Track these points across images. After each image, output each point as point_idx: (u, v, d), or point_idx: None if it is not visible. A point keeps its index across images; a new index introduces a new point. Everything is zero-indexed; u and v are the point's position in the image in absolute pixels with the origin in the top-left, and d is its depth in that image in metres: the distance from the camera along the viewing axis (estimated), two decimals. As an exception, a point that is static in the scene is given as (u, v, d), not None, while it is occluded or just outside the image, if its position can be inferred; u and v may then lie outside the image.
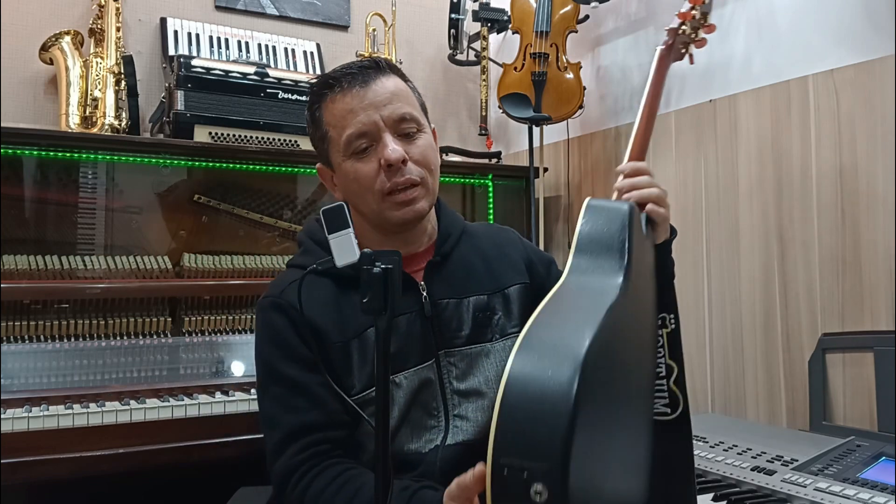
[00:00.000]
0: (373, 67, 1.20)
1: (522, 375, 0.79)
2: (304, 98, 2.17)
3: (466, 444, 1.17)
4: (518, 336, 1.22)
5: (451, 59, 2.71)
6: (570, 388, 0.75)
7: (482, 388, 1.20)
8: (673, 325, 1.14)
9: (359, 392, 1.15)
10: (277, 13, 2.60)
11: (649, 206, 1.13)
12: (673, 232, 1.19)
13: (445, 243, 1.25)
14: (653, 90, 1.25)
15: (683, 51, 1.32)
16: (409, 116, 1.18)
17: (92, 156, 1.91)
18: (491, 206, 2.44)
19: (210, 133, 2.06)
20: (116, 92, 2.17)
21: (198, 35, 2.37)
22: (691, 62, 1.35)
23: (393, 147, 1.14)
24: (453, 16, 2.64)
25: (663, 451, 1.08)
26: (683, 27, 1.29)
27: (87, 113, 2.14)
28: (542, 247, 2.35)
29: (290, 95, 2.15)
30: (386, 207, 1.17)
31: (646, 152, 1.21)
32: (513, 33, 2.53)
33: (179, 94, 2.05)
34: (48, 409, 1.52)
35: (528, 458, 0.74)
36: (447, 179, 2.44)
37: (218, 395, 1.69)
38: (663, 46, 1.31)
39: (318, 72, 2.47)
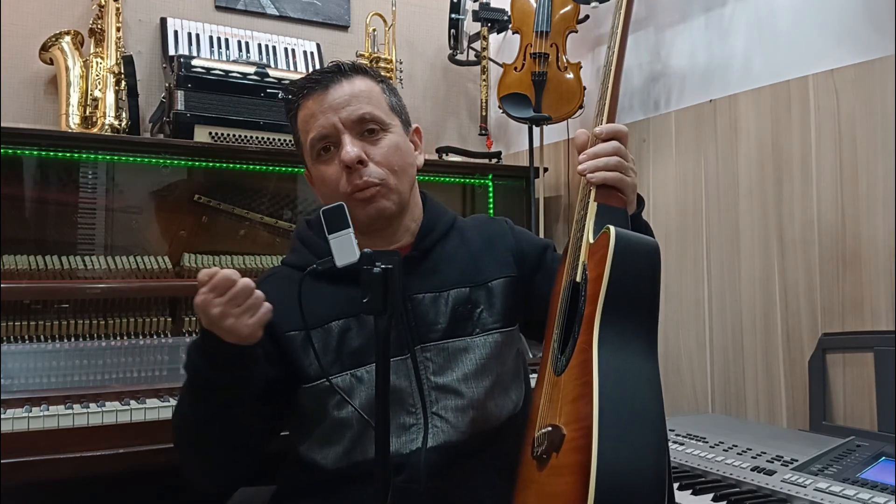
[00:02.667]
0: (334, 71, 1.23)
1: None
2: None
3: (450, 448, 1.16)
4: (500, 331, 1.23)
5: (451, 59, 2.71)
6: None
7: (460, 386, 1.19)
8: None
9: (314, 380, 1.17)
10: (277, 13, 2.60)
11: (622, 180, 1.08)
12: (641, 202, 1.16)
13: (426, 239, 1.25)
14: (622, 38, 1.18)
15: None
16: (368, 117, 1.19)
17: (92, 156, 1.91)
18: (491, 206, 2.44)
19: (210, 133, 2.06)
20: (116, 92, 2.17)
21: (198, 35, 2.37)
22: None
23: (348, 148, 1.17)
24: (453, 16, 2.63)
25: None
26: None
27: (87, 113, 2.14)
28: (542, 247, 2.34)
29: (289, 96, 2.15)
30: (352, 206, 1.17)
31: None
32: (513, 33, 2.53)
33: (179, 94, 2.05)
34: (48, 409, 1.52)
35: None
36: (447, 179, 2.44)
37: (218, 395, 1.69)
38: None
39: (318, 72, 2.47)
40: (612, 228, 0.98)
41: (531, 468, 1.03)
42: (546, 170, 2.50)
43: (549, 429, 0.98)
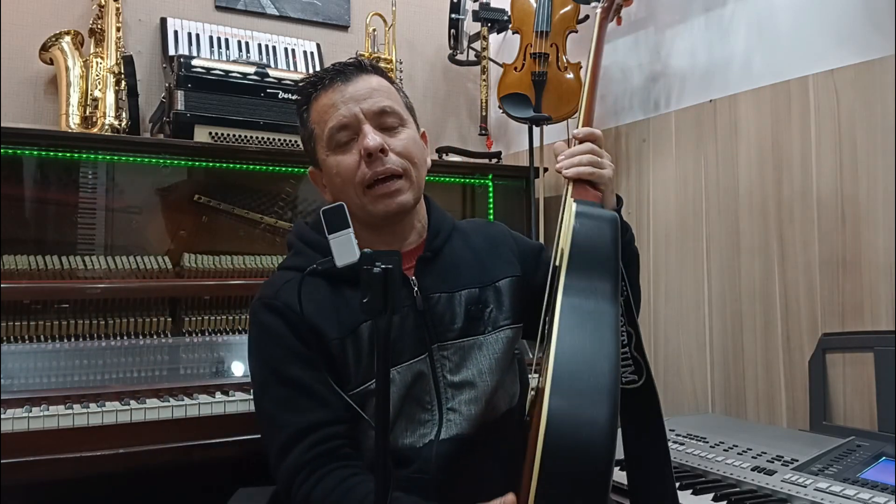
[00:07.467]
0: (355, 65, 1.24)
1: (561, 419, 0.87)
2: (304, 98, 2.17)
3: (460, 439, 1.18)
4: (510, 327, 1.26)
5: (451, 59, 2.71)
6: (610, 428, 0.87)
7: (475, 380, 1.21)
8: (625, 292, 1.15)
9: (354, 388, 1.16)
10: (277, 13, 2.60)
11: (594, 172, 1.17)
12: (619, 202, 1.24)
13: (436, 239, 1.27)
14: (597, 51, 1.33)
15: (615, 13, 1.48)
16: (389, 109, 1.21)
17: (92, 156, 1.91)
18: (491, 206, 2.43)
19: (210, 133, 2.06)
20: (116, 92, 2.17)
21: (198, 35, 2.37)
22: (619, 24, 1.58)
23: (371, 136, 1.17)
24: (453, 16, 2.63)
25: (637, 418, 1.11)
26: None
27: (87, 113, 2.14)
28: (542, 247, 2.35)
29: (290, 95, 2.15)
30: (368, 201, 1.19)
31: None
32: (513, 33, 2.53)
33: (179, 94, 2.05)
34: (48, 409, 1.52)
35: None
36: (447, 179, 2.44)
37: (218, 395, 1.69)
38: (602, 8, 1.43)
39: (318, 72, 2.47)
40: (573, 201, 1.10)
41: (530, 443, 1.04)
42: (546, 170, 2.50)
43: (533, 393, 1.00)
